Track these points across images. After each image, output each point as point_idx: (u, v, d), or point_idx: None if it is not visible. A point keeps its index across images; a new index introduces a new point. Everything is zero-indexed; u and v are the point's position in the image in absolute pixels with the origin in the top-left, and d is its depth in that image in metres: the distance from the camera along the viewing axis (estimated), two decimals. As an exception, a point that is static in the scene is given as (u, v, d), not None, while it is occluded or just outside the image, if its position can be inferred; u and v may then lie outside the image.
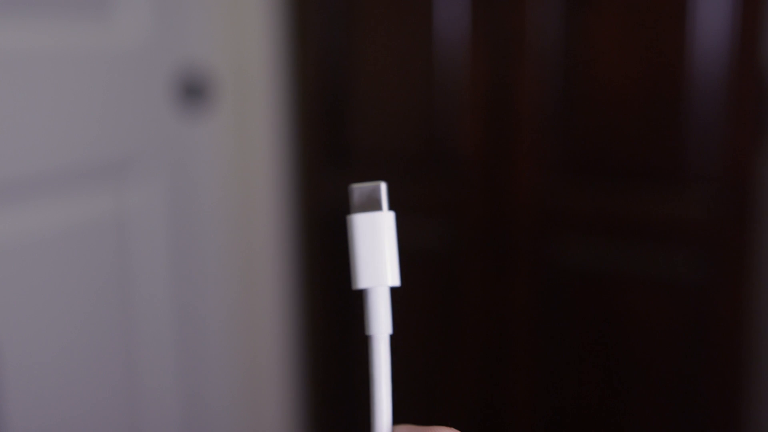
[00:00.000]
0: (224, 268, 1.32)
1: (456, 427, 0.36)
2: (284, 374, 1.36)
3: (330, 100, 1.27)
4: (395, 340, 0.29)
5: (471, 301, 1.19)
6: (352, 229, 0.25)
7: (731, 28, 0.98)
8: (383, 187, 0.25)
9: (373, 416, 0.24)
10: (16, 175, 1.01)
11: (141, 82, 1.16)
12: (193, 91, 1.23)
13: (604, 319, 1.12)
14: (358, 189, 0.26)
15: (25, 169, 1.02)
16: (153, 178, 1.19)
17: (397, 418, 0.32)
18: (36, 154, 1.02)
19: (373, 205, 0.25)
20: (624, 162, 1.07)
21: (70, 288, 1.07)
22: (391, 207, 0.25)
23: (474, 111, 1.14)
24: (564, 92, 1.09)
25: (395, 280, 0.25)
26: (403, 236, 0.29)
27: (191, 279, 1.26)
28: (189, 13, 1.22)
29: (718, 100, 1.00)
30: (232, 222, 1.32)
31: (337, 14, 1.23)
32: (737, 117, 1.00)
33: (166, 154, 1.21)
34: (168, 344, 1.22)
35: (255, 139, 1.32)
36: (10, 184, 1.00)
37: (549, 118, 1.10)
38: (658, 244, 1.07)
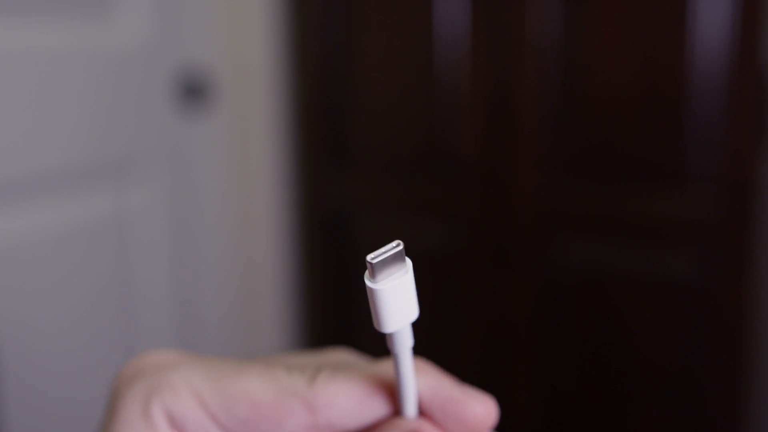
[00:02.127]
0: (224, 268, 1.32)
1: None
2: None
3: (330, 100, 1.27)
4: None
5: (471, 300, 1.19)
6: (379, 299, 0.22)
7: (731, 28, 0.98)
8: (402, 246, 0.22)
9: (400, 394, 0.24)
10: (16, 175, 1.01)
11: (141, 82, 1.16)
12: (193, 91, 1.23)
13: (604, 319, 1.12)
14: (380, 259, 0.22)
15: (25, 169, 1.02)
16: (153, 178, 1.19)
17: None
18: (36, 154, 1.02)
19: (395, 264, 0.22)
20: (624, 162, 1.07)
21: (71, 287, 1.07)
22: (391, 207, 0.24)
23: (474, 111, 1.14)
24: (564, 92, 1.09)
25: (417, 313, 0.24)
26: (403, 236, 0.28)
27: (191, 278, 1.26)
28: (189, 13, 1.22)
29: (718, 100, 1.00)
30: (232, 221, 1.32)
31: (337, 14, 1.23)
32: (737, 117, 1.00)
33: (166, 154, 1.21)
34: (168, 343, 1.22)
35: (255, 138, 1.32)
36: (10, 184, 1.00)
37: (549, 118, 1.10)
38: (658, 244, 1.08)
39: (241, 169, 1.32)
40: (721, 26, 0.98)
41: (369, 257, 0.22)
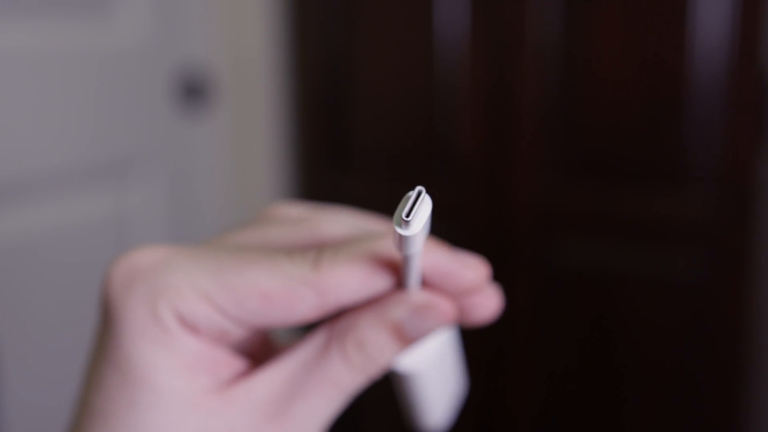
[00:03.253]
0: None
1: (457, 429, 0.36)
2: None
3: (330, 99, 1.27)
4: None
5: (471, 301, 1.19)
6: (413, 243, 0.23)
7: (731, 28, 0.98)
8: (424, 195, 0.22)
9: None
10: (16, 175, 1.01)
11: (141, 82, 1.16)
12: (193, 91, 1.23)
13: (603, 319, 1.12)
14: (412, 215, 0.22)
15: (25, 169, 1.02)
16: (153, 178, 1.19)
17: (397, 419, 0.32)
18: (36, 154, 1.02)
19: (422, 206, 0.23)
20: (624, 162, 1.07)
21: (71, 287, 1.07)
22: (391, 207, 0.25)
23: (474, 111, 1.14)
24: (564, 92, 1.09)
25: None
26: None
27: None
28: (189, 13, 1.22)
29: (718, 100, 1.00)
30: (231, 221, 1.32)
31: (337, 14, 1.23)
32: (737, 117, 1.00)
33: (166, 154, 1.21)
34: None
35: (255, 138, 1.32)
36: (10, 184, 1.00)
37: (549, 118, 1.10)
38: (658, 244, 1.08)
39: (241, 168, 1.32)
40: (721, 26, 0.98)
41: (404, 216, 0.22)
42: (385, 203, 1.24)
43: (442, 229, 1.20)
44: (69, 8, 1.05)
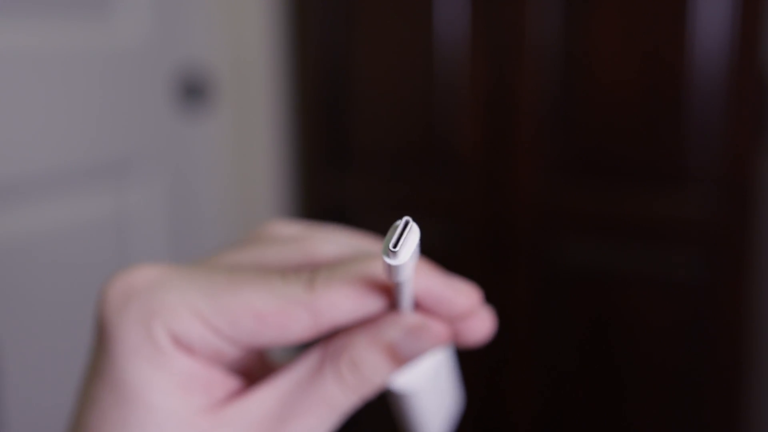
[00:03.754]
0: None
1: (456, 429, 0.37)
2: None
3: (330, 100, 1.27)
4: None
5: (471, 300, 1.19)
6: (403, 270, 0.23)
7: (731, 28, 0.98)
8: (411, 225, 0.23)
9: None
10: (17, 175, 1.01)
11: (141, 82, 1.16)
12: (193, 90, 1.23)
13: (603, 319, 1.12)
14: (399, 245, 0.23)
15: (26, 169, 1.02)
16: (153, 178, 1.19)
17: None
18: (36, 154, 1.02)
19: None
20: (624, 162, 1.07)
21: (71, 287, 1.07)
22: (391, 207, 0.25)
23: (474, 111, 1.14)
24: (564, 92, 1.09)
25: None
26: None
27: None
28: (189, 13, 1.22)
29: (718, 100, 1.00)
30: (231, 221, 1.32)
31: (337, 14, 1.23)
32: (737, 117, 1.00)
33: (166, 154, 1.21)
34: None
35: (255, 138, 1.32)
36: (10, 184, 1.00)
37: (549, 118, 1.10)
38: (658, 244, 1.08)
39: (241, 168, 1.32)
40: (721, 26, 0.98)
41: (391, 246, 0.22)
42: (385, 203, 1.24)
43: (442, 228, 1.20)
44: (69, 8, 1.05)
